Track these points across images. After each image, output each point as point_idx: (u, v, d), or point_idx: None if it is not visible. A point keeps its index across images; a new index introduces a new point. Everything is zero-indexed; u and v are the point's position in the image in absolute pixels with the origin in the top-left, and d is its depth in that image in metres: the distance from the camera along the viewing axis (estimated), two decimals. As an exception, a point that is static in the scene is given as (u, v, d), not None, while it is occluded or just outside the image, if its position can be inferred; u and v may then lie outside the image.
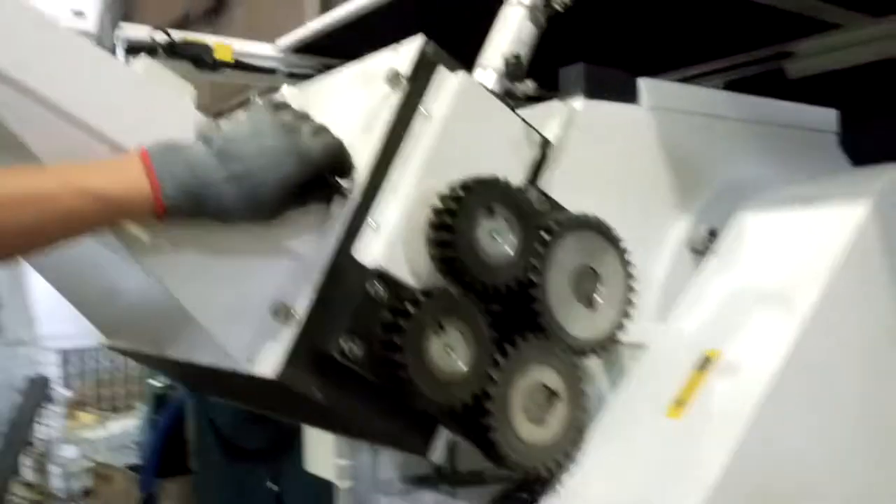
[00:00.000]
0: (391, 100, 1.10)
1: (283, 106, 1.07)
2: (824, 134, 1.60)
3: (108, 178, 0.94)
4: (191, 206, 0.96)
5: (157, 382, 3.91)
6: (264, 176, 0.98)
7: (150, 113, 1.04)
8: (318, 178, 1.03)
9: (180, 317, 1.16)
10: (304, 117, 1.06)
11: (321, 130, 1.04)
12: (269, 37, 2.43)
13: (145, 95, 1.05)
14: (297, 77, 2.32)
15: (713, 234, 1.32)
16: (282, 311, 1.03)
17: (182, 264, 1.05)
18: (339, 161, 1.05)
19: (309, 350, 1.03)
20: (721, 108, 1.45)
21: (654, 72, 2.24)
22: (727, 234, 1.30)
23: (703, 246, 1.32)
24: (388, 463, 2.04)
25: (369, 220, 1.07)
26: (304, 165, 1.00)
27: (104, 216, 0.95)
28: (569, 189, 1.22)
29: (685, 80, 2.34)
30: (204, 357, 1.16)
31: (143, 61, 1.30)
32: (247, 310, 1.07)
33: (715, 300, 1.20)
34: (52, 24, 0.98)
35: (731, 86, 2.32)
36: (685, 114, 1.39)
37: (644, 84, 1.34)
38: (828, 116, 1.62)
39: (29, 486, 4.97)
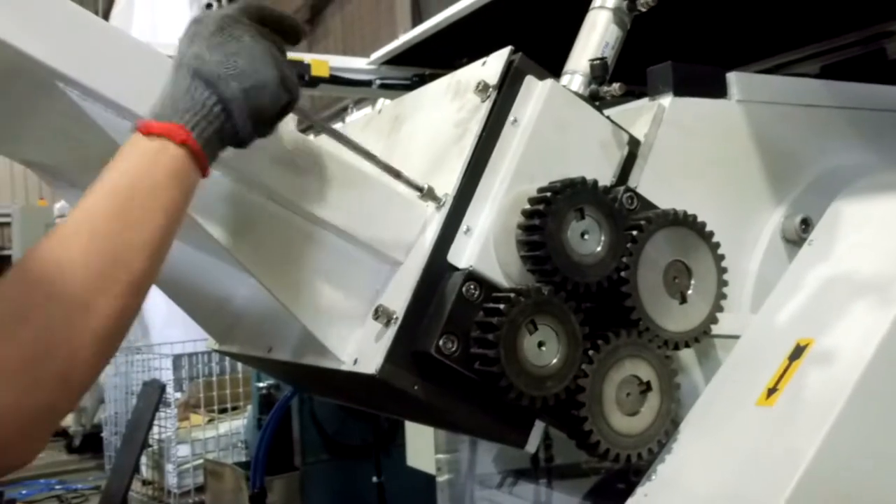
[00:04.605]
0: (481, 110, 1.15)
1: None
2: (928, 116, 1.56)
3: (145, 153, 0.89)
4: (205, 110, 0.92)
5: (262, 384, 4.07)
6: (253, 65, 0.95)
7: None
8: None
9: (288, 322, 1.23)
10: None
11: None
12: (364, 46, 2.51)
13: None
14: (390, 88, 2.39)
15: (807, 224, 1.31)
16: (382, 314, 1.09)
17: (291, 278, 1.12)
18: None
19: (408, 349, 1.09)
20: (814, 96, 1.43)
21: (747, 61, 2.22)
22: (823, 223, 1.28)
23: (797, 236, 1.31)
24: (485, 457, 2.09)
25: (463, 225, 1.12)
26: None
27: (157, 167, 0.89)
28: (659, 186, 1.23)
29: (780, 66, 2.29)
30: (310, 359, 1.22)
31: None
32: (350, 313, 1.14)
33: (809, 290, 1.20)
34: (152, 51, 1.05)
35: (828, 69, 2.26)
36: (776, 105, 1.38)
37: (733, 78, 1.34)
38: (931, 98, 1.57)
39: (147, 482, 5.23)
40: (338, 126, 2.41)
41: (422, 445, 2.28)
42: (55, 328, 0.76)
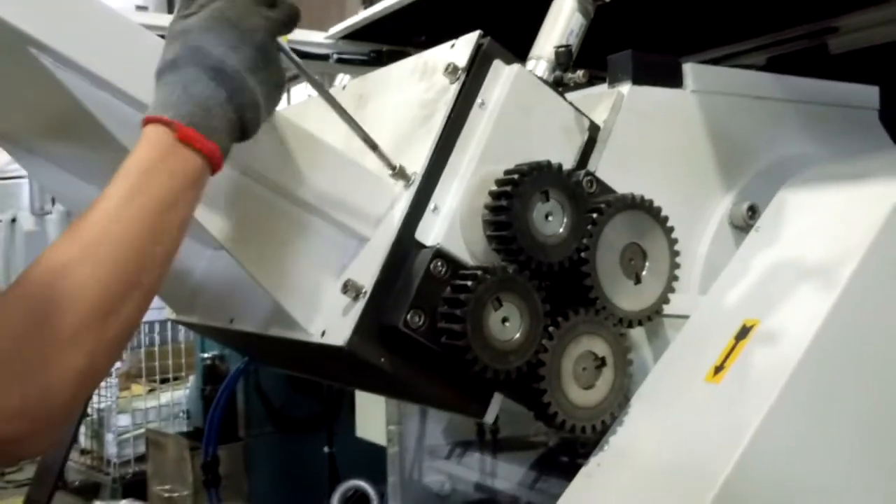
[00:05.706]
0: (449, 91, 1.18)
1: None
2: (866, 111, 1.64)
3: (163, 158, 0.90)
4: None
5: (207, 354, 4.05)
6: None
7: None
8: None
9: (251, 293, 1.25)
10: None
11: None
12: (312, 19, 2.50)
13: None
14: (347, 63, 2.39)
15: (754, 211, 1.37)
16: (351, 288, 1.12)
17: (261, 250, 1.14)
18: None
19: (376, 323, 1.12)
20: (764, 89, 1.49)
21: (697, 50, 2.29)
22: (770, 210, 1.35)
23: (744, 222, 1.37)
24: (435, 428, 2.15)
25: (430, 203, 1.15)
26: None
27: (187, 182, 0.91)
28: (617, 170, 1.28)
29: (728, 57, 2.37)
30: (276, 330, 1.25)
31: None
32: (318, 287, 1.16)
33: (755, 273, 1.26)
34: (128, 21, 1.06)
35: (773, 62, 2.34)
36: (729, 96, 1.43)
37: (689, 68, 1.39)
38: (869, 93, 1.64)
39: (85, 452, 5.17)
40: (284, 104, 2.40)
41: (372, 417, 2.32)
42: (81, 331, 0.79)
